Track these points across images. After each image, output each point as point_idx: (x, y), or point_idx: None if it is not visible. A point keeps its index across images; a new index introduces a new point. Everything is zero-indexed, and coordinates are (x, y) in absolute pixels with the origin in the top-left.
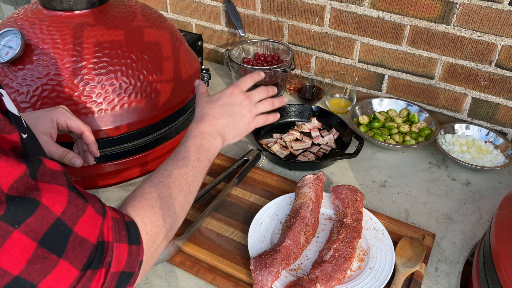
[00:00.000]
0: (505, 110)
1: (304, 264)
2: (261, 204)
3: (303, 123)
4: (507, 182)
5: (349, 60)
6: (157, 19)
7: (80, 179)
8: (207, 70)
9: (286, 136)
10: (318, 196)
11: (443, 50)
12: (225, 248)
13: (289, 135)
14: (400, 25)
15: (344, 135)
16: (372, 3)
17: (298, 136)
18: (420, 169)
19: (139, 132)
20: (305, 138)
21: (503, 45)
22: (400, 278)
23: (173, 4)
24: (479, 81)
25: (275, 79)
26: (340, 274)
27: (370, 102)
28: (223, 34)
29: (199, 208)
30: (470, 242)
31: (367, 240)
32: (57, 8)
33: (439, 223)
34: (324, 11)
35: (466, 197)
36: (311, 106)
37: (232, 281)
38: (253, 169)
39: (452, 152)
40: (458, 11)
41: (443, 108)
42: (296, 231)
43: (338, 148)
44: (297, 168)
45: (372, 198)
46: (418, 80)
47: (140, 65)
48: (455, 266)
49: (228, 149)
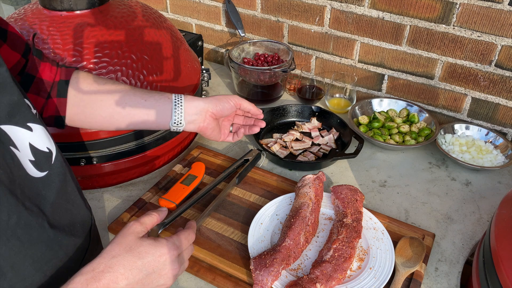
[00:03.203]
0: (505, 110)
1: (304, 264)
2: (261, 204)
3: (303, 123)
4: (507, 182)
5: (349, 60)
6: (157, 19)
7: (80, 179)
8: (207, 70)
9: (286, 136)
10: (318, 196)
11: (443, 50)
12: (225, 248)
13: (289, 135)
14: (400, 25)
15: (344, 135)
16: (372, 3)
17: (298, 136)
18: (420, 169)
19: (139, 132)
20: (305, 138)
21: (503, 45)
22: (400, 278)
23: (173, 4)
24: (479, 81)
25: (275, 79)
26: (340, 274)
27: (370, 102)
28: (223, 34)
29: (199, 208)
30: (470, 242)
31: (367, 240)
32: (57, 8)
33: (439, 223)
34: (324, 11)
35: (466, 197)
36: (311, 106)
37: (232, 281)
38: (253, 169)
39: (452, 152)
40: (458, 11)
41: (443, 108)
42: (296, 231)
43: (338, 148)
44: (297, 168)
45: (372, 198)
46: (418, 80)
47: (140, 65)
48: (455, 266)
49: (228, 149)
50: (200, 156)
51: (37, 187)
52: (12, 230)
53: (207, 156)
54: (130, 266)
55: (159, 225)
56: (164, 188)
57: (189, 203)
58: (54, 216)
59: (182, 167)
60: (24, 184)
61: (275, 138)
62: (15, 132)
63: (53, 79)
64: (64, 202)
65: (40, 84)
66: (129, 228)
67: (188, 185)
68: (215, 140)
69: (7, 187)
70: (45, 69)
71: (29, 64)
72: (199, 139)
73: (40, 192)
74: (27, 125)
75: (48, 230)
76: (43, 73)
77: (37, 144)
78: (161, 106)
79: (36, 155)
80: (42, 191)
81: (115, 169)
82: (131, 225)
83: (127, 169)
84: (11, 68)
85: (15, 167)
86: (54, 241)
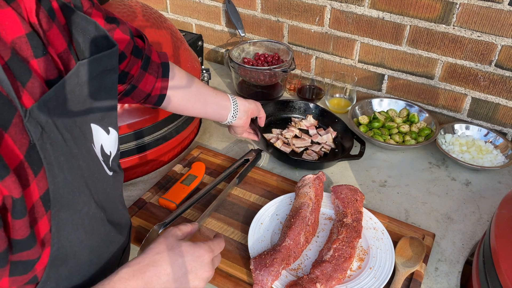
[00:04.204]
0: (505, 110)
1: (304, 264)
2: (261, 204)
3: (300, 120)
4: (507, 182)
5: (349, 60)
6: (157, 19)
7: None
8: (207, 70)
9: (287, 132)
10: (318, 196)
11: (443, 50)
12: (225, 248)
13: (289, 131)
14: (400, 25)
15: (343, 138)
16: (372, 3)
17: (297, 133)
18: (420, 169)
19: (139, 132)
20: (304, 136)
21: (503, 45)
22: (400, 278)
23: (173, 4)
24: (479, 81)
25: (275, 79)
26: (340, 274)
27: (370, 102)
28: (223, 34)
29: (199, 208)
30: (470, 242)
31: (367, 240)
32: None
33: (439, 223)
34: (324, 11)
35: (466, 197)
36: (308, 103)
37: (232, 281)
38: (253, 169)
39: (452, 152)
40: (458, 11)
41: (443, 108)
42: (296, 231)
43: (337, 148)
44: (303, 167)
45: (372, 198)
46: (418, 80)
47: None
48: (455, 266)
49: (228, 149)
50: (200, 156)
51: (107, 184)
52: (82, 219)
53: (207, 156)
54: (172, 263)
55: (159, 225)
56: (164, 188)
57: (189, 203)
58: (111, 214)
59: (182, 167)
60: (99, 179)
61: (274, 133)
62: (97, 132)
63: (158, 61)
64: (118, 203)
65: (155, 66)
66: (169, 232)
67: (188, 185)
68: (240, 135)
69: (85, 179)
70: (154, 51)
71: (142, 46)
72: (199, 139)
73: (106, 189)
74: (108, 128)
75: (106, 225)
76: (154, 55)
77: (105, 146)
78: (224, 102)
79: (103, 156)
80: (107, 188)
81: None
82: (170, 230)
83: (127, 169)
84: (124, 47)
85: (96, 163)
86: (108, 236)
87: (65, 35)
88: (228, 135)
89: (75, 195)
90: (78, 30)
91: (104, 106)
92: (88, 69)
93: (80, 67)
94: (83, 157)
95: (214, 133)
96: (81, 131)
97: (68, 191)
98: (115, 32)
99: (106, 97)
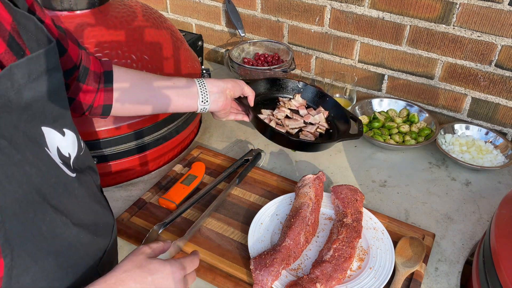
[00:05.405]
0: (505, 110)
1: (304, 264)
2: (261, 204)
3: (288, 100)
4: (507, 182)
5: (349, 60)
6: (157, 19)
7: None
8: (207, 70)
9: (278, 113)
10: (318, 196)
11: (443, 50)
12: (225, 248)
13: (279, 112)
14: (400, 25)
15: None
16: (372, 3)
17: (288, 114)
18: (420, 169)
19: (139, 132)
20: (295, 116)
21: (503, 45)
22: (400, 278)
23: (173, 4)
24: (479, 81)
25: None
26: (340, 274)
27: (370, 102)
28: (223, 34)
29: (199, 208)
30: (470, 242)
31: (367, 240)
32: (57, 8)
33: (439, 223)
34: (324, 11)
35: (466, 197)
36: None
37: (232, 281)
38: (253, 169)
39: (452, 152)
40: (458, 11)
41: (443, 108)
42: (296, 231)
43: (331, 128)
44: (303, 149)
45: (372, 198)
46: (418, 80)
47: (140, 65)
48: (455, 266)
49: (228, 149)
50: (200, 156)
51: (72, 186)
52: (37, 226)
53: (207, 156)
54: (141, 281)
55: (159, 225)
56: (164, 188)
57: (189, 203)
58: (80, 215)
59: (182, 167)
60: (58, 182)
61: (265, 114)
62: (50, 135)
63: (100, 70)
64: (92, 203)
65: (93, 76)
66: (139, 249)
67: (188, 185)
68: (226, 119)
69: (36, 185)
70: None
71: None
72: (199, 139)
73: (73, 191)
74: (63, 130)
75: (71, 228)
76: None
77: (62, 148)
78: (188, 88)
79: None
80: (75, 190)
81: (115, 169)
82: (141, 247)
83: (127, 169)
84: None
85: (51, 167)
86: (77, 238)
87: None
88: (228, 135)
89: (21, 204)
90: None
91: (53, 108)
92: (25, 71)
93: (13, 69)
94: (29, 163)
95: (214, 133)
96: (27, 136)
97: (11, 200)
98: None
99: (54, 99)
